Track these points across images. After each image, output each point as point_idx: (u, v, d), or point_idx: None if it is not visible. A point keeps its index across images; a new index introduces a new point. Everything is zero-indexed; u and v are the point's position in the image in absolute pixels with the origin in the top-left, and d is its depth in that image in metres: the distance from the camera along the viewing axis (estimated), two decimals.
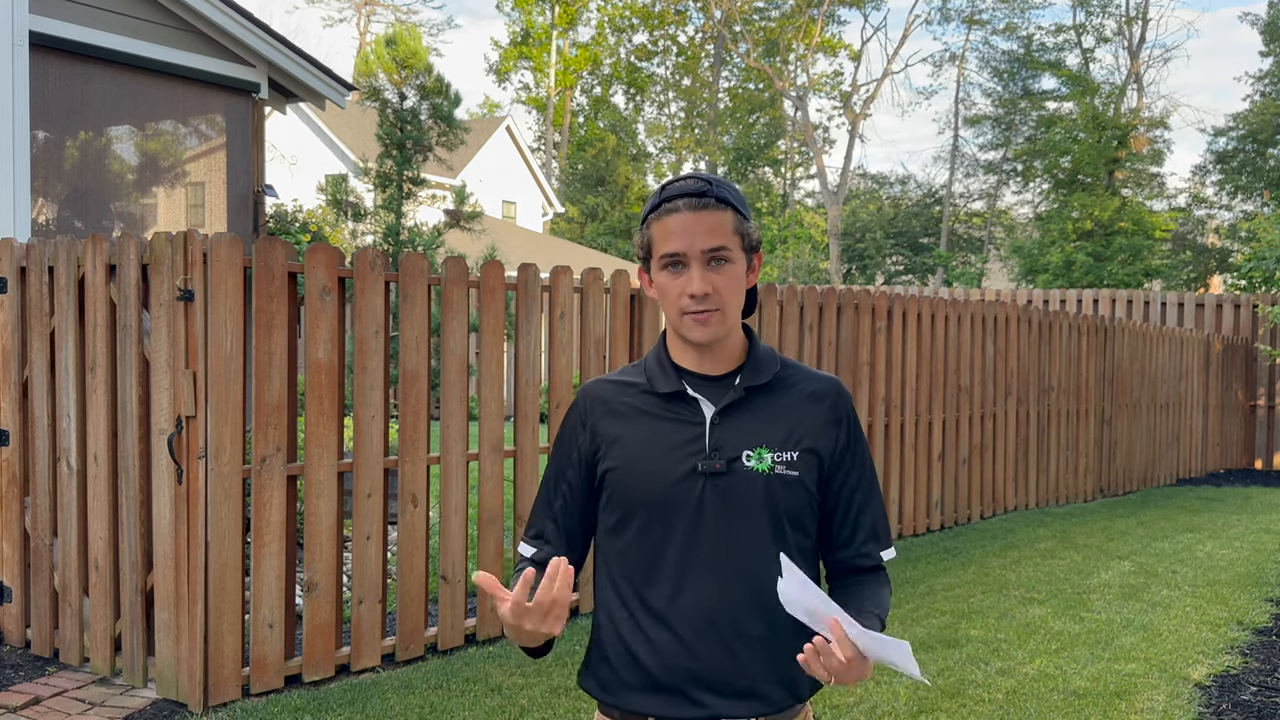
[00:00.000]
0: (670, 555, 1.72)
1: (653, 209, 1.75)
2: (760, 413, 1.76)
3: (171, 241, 4.18)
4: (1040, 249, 31.27)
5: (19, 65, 6.00)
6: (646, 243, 1.75)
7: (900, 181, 44.85)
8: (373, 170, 8.43)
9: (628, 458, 1.75)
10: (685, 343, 1.77)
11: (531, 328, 5.23)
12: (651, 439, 1.75)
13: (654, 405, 1.77)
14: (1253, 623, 5.69)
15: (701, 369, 1.78)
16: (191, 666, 4.16)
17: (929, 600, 6.02)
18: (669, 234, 1.70)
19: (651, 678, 1.72)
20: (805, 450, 1.76)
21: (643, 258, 1.78)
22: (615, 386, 1.83)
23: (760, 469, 1.73)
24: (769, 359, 1.81)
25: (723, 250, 1.70)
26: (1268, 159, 33.11)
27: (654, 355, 1.82)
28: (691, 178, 1.74)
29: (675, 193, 1.73)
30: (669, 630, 1.72)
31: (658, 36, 47.03)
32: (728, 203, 1.72)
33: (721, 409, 1.74)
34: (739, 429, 1.74)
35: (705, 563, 1.71)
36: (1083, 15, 38.25)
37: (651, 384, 1.78)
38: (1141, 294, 13.80)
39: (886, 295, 7.79)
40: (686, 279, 1.70)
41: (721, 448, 1.73)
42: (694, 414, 1.75)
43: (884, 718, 4.21)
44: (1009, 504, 9.18)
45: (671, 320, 1.75)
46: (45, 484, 4.78)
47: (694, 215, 1.69)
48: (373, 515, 4.64)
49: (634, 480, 1.74)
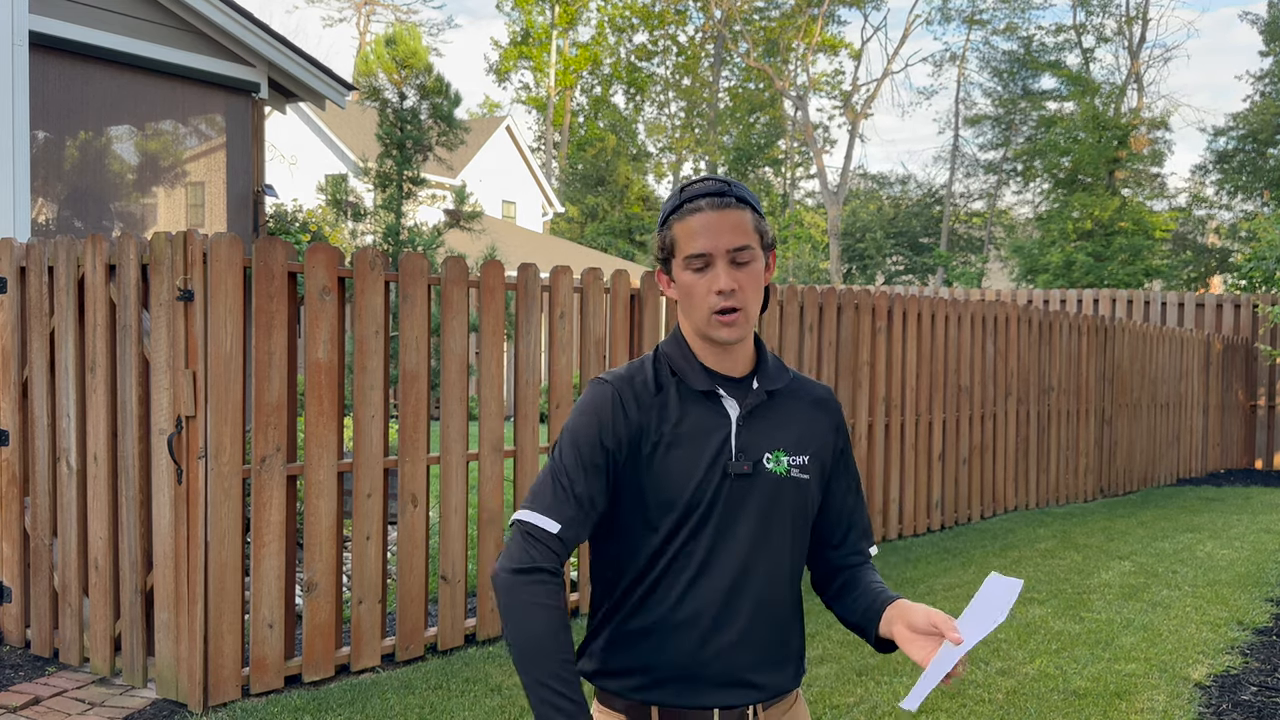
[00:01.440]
0: (689, 551, 1.74)
1: (674, 210, 1.76)
2: (775, 416, 1.81)
3: (171, 241, 4.18)
4: (1040, 249, 31.27)
5: (19, 65, 6.00)
6: (669, 244, 1.76)
7: (900, 181, 44.87)
8: (373, 170, 8.43)
9: (667, 458, 1.75)
10: (708, 343, 1.78)
11: (531, 328, 5.23)
12: (686, 438, 1.75)
13: (687, 403, 1.77)
14: (1253, 623, 5.69)
15: (723, 369, 1.79)
16: (191, 666, 4.16)
17: (929, 600, 6.02)
18: (693, 234, 1.72)
19: (656, 669, 1.75)
20: (813, 455, 1.83)
21: (663, 259, 1.79)
22: (647, 381, 1.78)
23: (779, 471, 1.78)
24: (779, 365, 1.86)
25: (746, 249, 1.73)
26: (1268, 159, 33.10)
27: (675, 353, 1.80)
28: (709, 179, 1.77)
29: (697, 193, 1.75)
30: (678, 624, 1.74)
31: (658, 36, 47.03)
32: (746, 202, 1.76)
33: (746, 411, 1.78)
34: (760, 431, 1.78)
35: (722, 560, 1.75)
36: (1083, 15, 38.26)
37: (683, 380, 1.78)
38: (1141, 294, 13.80)
39: (886, 295, 7.79)
40: (713, 277, 1.71)
41: (746, 449, 1.76)
42: (721, 414, 1.77)
43: (884, 718, 4.21)
44: (1009, 504, 9.18)
45: (697, 321, 1.75)
46: (45, 484, 4.78)
47: (718, 214, 1.72)
48: (373, 515, 4.64)
49: (669, 480, 1.74)
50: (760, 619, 1.78)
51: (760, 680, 1.78)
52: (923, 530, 8.10)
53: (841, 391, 7.36)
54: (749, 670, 1.77)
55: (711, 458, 1.75)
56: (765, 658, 1.78)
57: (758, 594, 1.77)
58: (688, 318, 1.78)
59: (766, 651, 1.79)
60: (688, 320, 1.79)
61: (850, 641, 5.18)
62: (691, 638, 1.74)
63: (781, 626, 1.81)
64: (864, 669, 4.77)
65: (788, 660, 1.83)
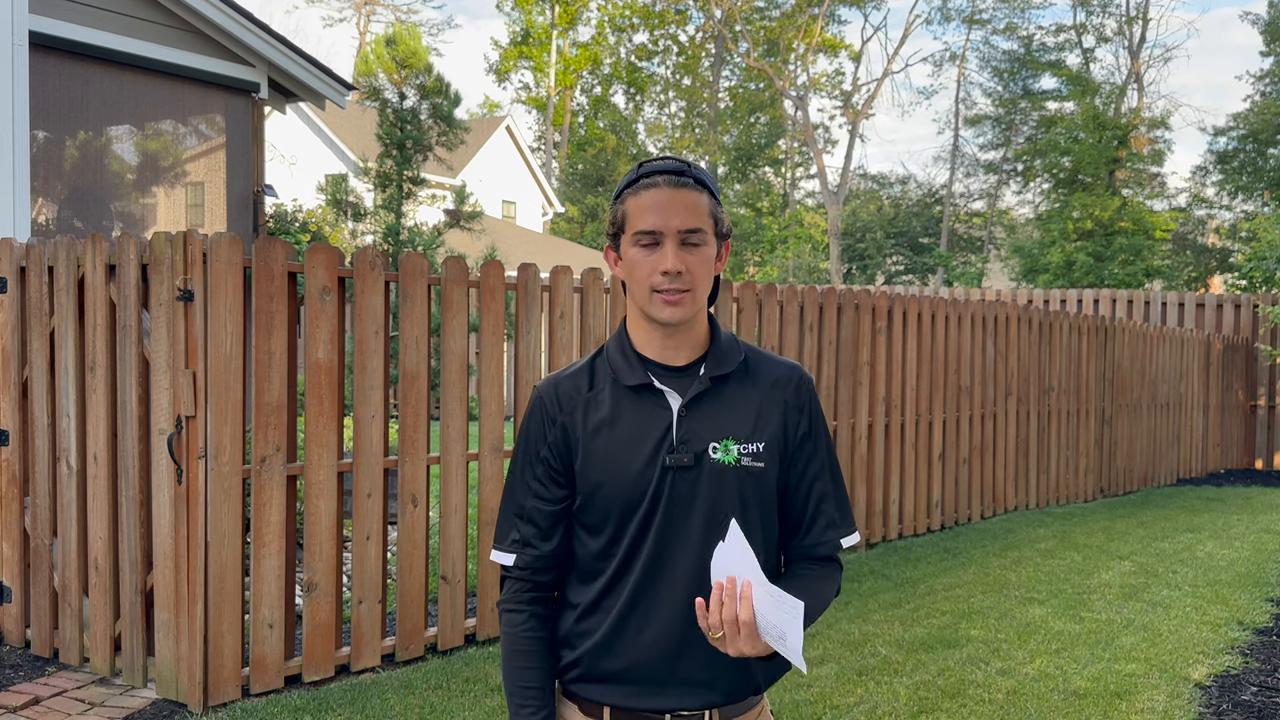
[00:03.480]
0: (638, 550, 1.72)
1: (628, 184, 1.72)
2: (726, 403, 1.74)
3: (171, 241, 4.18)
4: (1040, 249, 31.27)
5: (19, 65, 6.00)
6: (619, 218, 1.72)
7: (900, 181, 44.85)
8: (373, 170, 8.43)
9: (597, 455, 1.72)
10: (650, 326, 1.72)
11: (531, 328, 5.23)
12: (619, 435, 1.72)
13: (620, 399, 1.73)
14: (1253, 623, 5.69)
15: (665, 359, 1.74)
16: (191, 666, 4.16)
17: (929, 600, 6.02)
18: (645, 210, 1.68)
19: (613, 669, 1.74)
20: (770, 440, 1.75)
21: (613, 234, 1.74)
22: (579, 380, 1.77)
23: (727, 461, 1.71)
24: (732, 347, 1.78)
25: (697, 232, 1.68)
26: (1268, 159, 33.09)
27: (615, 347, 1.77)
28: (669, 158, 1.73)
29: (653, 169, 1.71)
30: (634, 624, 1.72)
31: (658, 36, 47.02)
32: (704, 185, 1.71)
33: (688, 401, 1.72)
34: (706, 420, 1.72)
35: (672, 557, 1.71)
36: (1083, 15, 38.25)
37: (617, 377, 1.74)
38: (1142, 294, 13.79)
39: (887, 295, 7.79)
40: (660, 256, 1.66)
41: (688, 441, 1.71)
42: (660, 407, 1.72)
43: (884, 718, 4.21)
44: (1009, 504, 9.18)
45: (639, 299, 1.70)
46: (45, 484, 4.78)
47: (672, 192, 1.67)
48: (373, 515, 4.64)
49: (604, 478, 1.71)
50: None
51: (722, 682, 1.74)
52: (923, 530, 8.10)
53: (841, 391, 7.36)
54: (701, 671, 1.72)
55: (649, 453, 1.70)
56: (721, 659, 1.71)
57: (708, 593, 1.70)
58: (631, 296, 1.73)
59: (714, 657, 1.71)
60: (631, 300, 1.73)
61: (850, 641, 5.18)
62: (642, 639, 1.72)
63: None
64: (864, 669, 4.77)
65: (751, 662, 1.74)
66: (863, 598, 6.05)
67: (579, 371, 1.79)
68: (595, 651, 1.75)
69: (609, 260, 1.77)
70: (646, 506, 1.70)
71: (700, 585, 1.69)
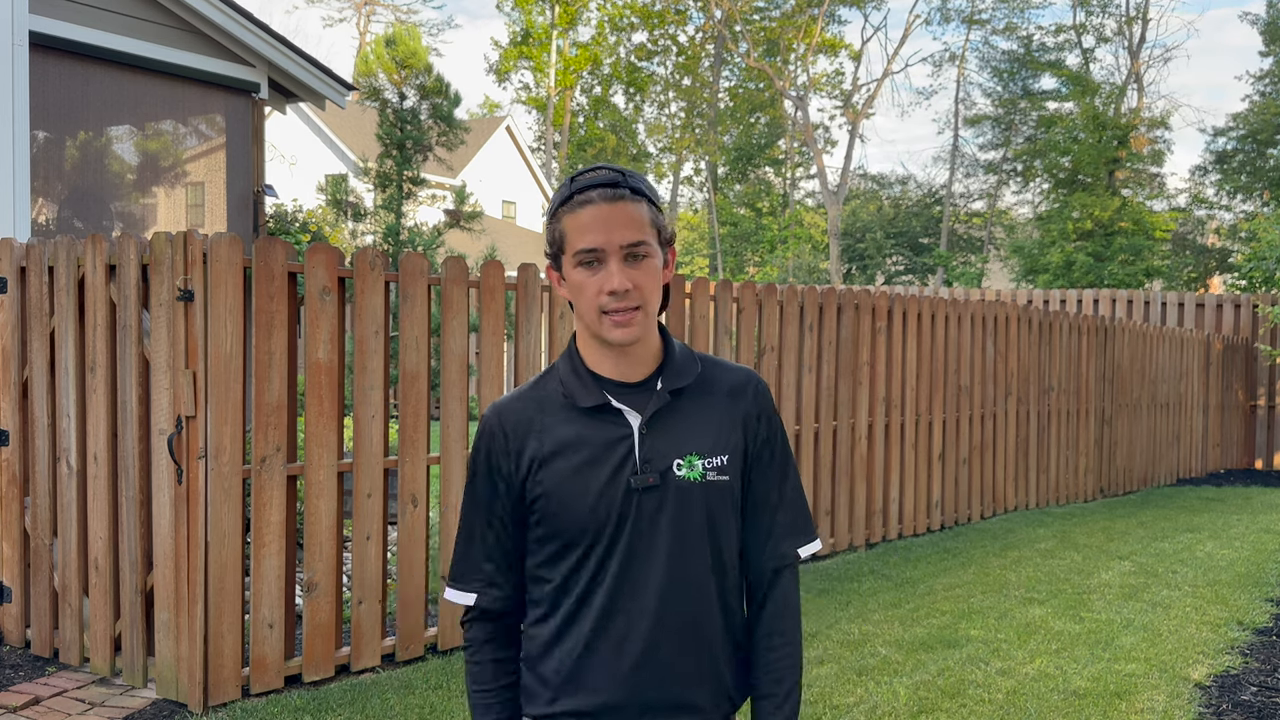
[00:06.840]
0: (605, 574, 1.66)
1: (563, 202, 1.64)
2: (687, 417, 1.69)
3: (171, 241, 4.18)
4: (1040, 249, 31.25)
5: (19, 65, 6.00)
6: (557, 238, 1.65)
7: (900, 182, 44.82)
8: (373, 170, 8.43)
9: (557, 481, 1.66)
10: (603, 346, 1.67)
11: (531, 328, 5.23)
12: (579, 459, 1.65)
13: (577, 421, 1.67)
14: (1253, 623, 5.69)
15: (620, 375, 1.68)
16: (191, 666, 4.16)
17: (929, 600, 6.02)
18: (584, 228, 1.60)
19: (584, 695, 1.69)
20: (732, 452, 1.71)
21: (552, 255, 1.68)
22: (530, 404, 1.70)
23: (692, 477, 1.67)
24: (687, 358, 1.73)
25: (641, 245, 1.62)
26: (1268, 159, 33.09)
27: (566, 366, 1.71)
28: (602, 168, 1.65)
29: (588, 184, 1.63)
30: (605, 650, 1.67)
31: (658, 36, 47.00)
32: (642, 194, 1.64)
33: (649, 418, 1.66)
34: (668, 437, 1.67)
35: (642, 579, 1.66)
36: (1083, 15, 38.24)
37: (572, 398, 1.67)
38: (1142, 294, 13.80)
39: (887, 295, 7.79)
40: (605, 275, 1.60)
41: (652, 460, 1.65)
42: (620, 426, 1.66)
43: (884, 718, 4.21)
44: (1009, 504, 9.18)
45: (588, 321, 1.64)
46: (45, 484, 4.78)
47: (610, 207, 1.61)
48: (373, 515, 4.64)
49: (565, 504, 1.65)
50: (694, 638, 1.69)
51: (696, 701, 1.70)
52: (923, 530, 8.10)
53: (841, 391, 7.36)
54: (682, 692, 1.68)
55: (610, 475, 1.64)
56: (700, 678, 1.69)
57: (689, 611, 1.68)
58: (579, 317, 1.66)
59: (701, 671, 1.69)
60: (579, 320, 1.67)
61: (850, 641, 5.18)
62: (616, 662, 1.67)
63: (717, 643, 1.71)
64: (864, 669, 4.77)
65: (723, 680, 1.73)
66: (863, 598, 6.05)
67: (527, 395, 1.72)
68: (565, 678, 1.69)
69: (552, 281, 1.70)
70: (612, 530, 1.65)
71: (668, 604, 1.66)
